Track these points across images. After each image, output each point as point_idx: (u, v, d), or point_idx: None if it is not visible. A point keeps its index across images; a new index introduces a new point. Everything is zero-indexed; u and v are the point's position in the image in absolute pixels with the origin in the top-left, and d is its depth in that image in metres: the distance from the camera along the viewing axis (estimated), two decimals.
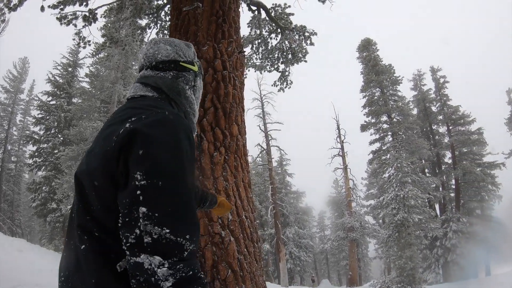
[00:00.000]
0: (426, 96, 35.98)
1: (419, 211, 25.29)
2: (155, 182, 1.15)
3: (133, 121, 1.27)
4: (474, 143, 32.68)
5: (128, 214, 1.15)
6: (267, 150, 30.89)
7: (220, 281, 3.79)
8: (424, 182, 29.30)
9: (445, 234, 30.07)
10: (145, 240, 1.11)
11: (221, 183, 3.95)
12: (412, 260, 17.38)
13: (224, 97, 4.17)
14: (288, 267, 36.21)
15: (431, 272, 30.24)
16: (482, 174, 31.86)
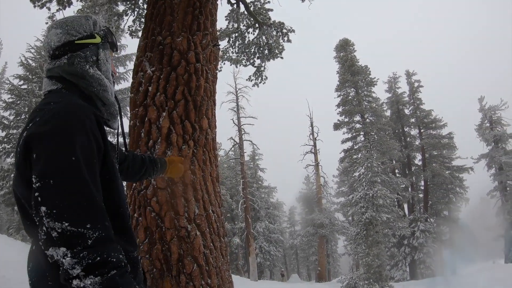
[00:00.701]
0: (400, 98, 36.69)
1: (387, 210, 25.78)
2: (47, 182, 1.23)
3: (29, 127, 1.34)
4: (444, 146, 33.63)
5: (36, 215, 1.24)
6: (240, 144, 30.82)
7: (186, 275, 3.77)
8: (394, 183, 29.91)
9: (412, 233, 30.84)
10: (52, 234, 1.20)
11: (188, 176, 3.90)
12: (379, 257, 17.68)
13: (196, 90, 4.12)
14: (258, 261, 36.37)
15: (398, 269, 30.95)
16: (451, 177, 32.91)
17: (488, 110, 34.14)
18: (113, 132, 1.84)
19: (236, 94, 31.49)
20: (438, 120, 34.49)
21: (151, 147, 3.93)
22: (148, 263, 3.83)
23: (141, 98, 4.13)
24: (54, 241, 1.20)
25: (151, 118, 3.98)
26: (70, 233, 1.20)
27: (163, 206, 3.80)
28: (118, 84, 24.20)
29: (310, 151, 32.82)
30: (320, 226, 30.90)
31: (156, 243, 3.81)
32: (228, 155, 38.71)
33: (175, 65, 4.13)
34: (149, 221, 3.84)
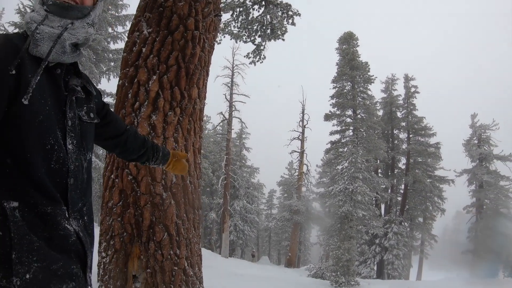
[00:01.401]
0: (394, 100, 36.70)
1: (364, 207, 26.05)
2: None
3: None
4: (430, 155, 33.94)
5: None
6: (229, 120, 30.67)
7: (155, 242, 3.74)
8: (375, 182, 30.13)
9: (385, 233, 31.25)
10: None
11: (170, 143, 3.84)
12: (349, 252, 17.85)
13: (190, 57, 4.02)
14: (231, 239, 36.62)
15: (366, 267, 31.41)
16: (431, 185, 33.33)
17: (479, 127, 34.48)
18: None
19: (232, 70, 31.20)
20: (428, 128, 34.70)
21: (136, 109, 3.84)
22: (119, 226, 3.78)
23: (134, 58, 4.01)
24: None
25: (140, 80, 3.88)
26: None
27: (141, 170, 3.73)
28: (115, 44, 23.79)
29: (297, 138, 32.85)
30: (296, 213, 31.12)
31: (130, 207, 3.76)
32: (216, 129, 38.56)
33: (173, 29, 4.01)
34: (125, 184, 3.78)
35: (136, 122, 3.80)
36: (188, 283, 3.97)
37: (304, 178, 33.26)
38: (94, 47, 22.30)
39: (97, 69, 22.46)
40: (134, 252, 3.81)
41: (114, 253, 3.81)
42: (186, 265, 3.95)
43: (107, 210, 3.91)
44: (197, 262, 4.22)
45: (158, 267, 3.76)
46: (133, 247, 3.80)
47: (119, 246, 3.79)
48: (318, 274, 21.39)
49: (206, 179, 36.29)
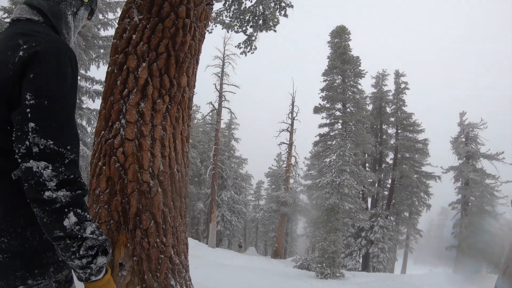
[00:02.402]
0: (384, 96, 36.97)
1: (351, 200, 26.32)
2: (42, 101, 1.35)
3: (25, 49, 1.40)
4: (417, 151, 34.38)
5: (20, 129, 1.34)
6: (218, 110, 30.59)
7: (142, 230, 3.73)
8: (362, 175, 30.41)
9: (371, 227, 31.63)
10: (34, 150, 1.32)
11: (158, 131, 3.83)
12: (335, 244, 18.02)
13: (180, 45, 3.99)
14: (218, 229, 36.74)
15: (352, 259, 31.80)
16: (418, 181, 33.83)
17: (467, 126, 34.91)
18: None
19: (223, 59, 31.08)
20: (416, 124, 35.09)
21: (125, 96, 3.81)
22: (106, 214, 3.77)
23: (123, 45, 3.97)
24: (34, 156, 1.32)
25: (130, 67, 3.85)
26: (51, 150, 1.34)
27: (129, 157, 3.72)
28: (105, 30, 23.54)
29: (286, 130, 32.86)
30: (284, 204, 31.26)
31: (117, 194, 3.75)
32: (205, 119, 38.45)
33: (164, 16, 3.98)
34: (112, 171, 3.76)
35: (124, 109, 3.78)
36: (174, 271, 3.98)
37: (292, 170, 33.41)
38: (84, 33, 22.01)
39: (86, 56, 22.21)
40: (121, 240, 3.80)
41: None
42: (172, 253, 3.96)
43: (94, 197, 3.89)
44: (183, 250, 4.24)
45: (145, 255, 3.77)
46: (120, 235, 3.80)
47: (105, 233, 3.78)
48: (304, 265, 21.59)
49: (194, 169, 36.27)
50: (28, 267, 1.50)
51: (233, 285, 10.21)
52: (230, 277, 12.15)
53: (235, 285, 10.18)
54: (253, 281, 12.55)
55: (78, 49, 21.02)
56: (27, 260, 1.49)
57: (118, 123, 3.77)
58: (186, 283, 4.18)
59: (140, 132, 3.75)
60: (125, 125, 3.75)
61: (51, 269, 1.56)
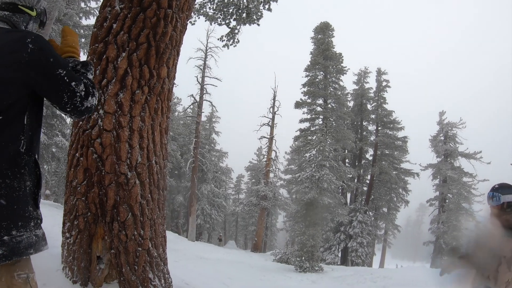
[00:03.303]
0: (365, 93, 37.29)
1: (330, 195, 26.54)
2: (64, 69, 1.88)
3: (31, 41, 1.82)
4: (397, 148, 34.88)
5: (64, 87, 1.87)
6: (199, 103, 30.36)
7: (119, 223, 3.69)
8: (342, 171, 30.64)
9: (350, 222, 31.98)
10: (87, 89, 1.96)
11: (137, 122, 3.78)
12: (314, 238, 18.14)
13: (161, 36, 3.93)
14: (198, 222, 36.62)
15: (331, 253, 32.11)
16: (397, 177, 34.37)
17: (446, 125, 35.73)
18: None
19: (206, 52, 30.83)
20: (396, 122, 35.57)
21: (104, 86, 3.74)
22: (83, 206, 3.72)
23: (103, 34, 3.90)
24: (86, 89, 1.95)
25: (109, 56, 3.78)
26: (83, 84, 1.94)
27: (106, 149, 3.66)
28: (87, 19, 23.06)
29: (267, 124, 32.85)
30: (263, 198, 31.32)
31: (94, 186, 3.70)
32: (186, 112, 38.16)
33: (146, 6, 3.91)
34: (89, 163, 3.70)
35: (103, 99, 3.71)
36: (152, 264, 3.95)
37: (272, 164, 33.46)
38: (65, 22, 21.52)
39: None
40: (98, 233, 3.76)
41: (78, 234, 3.75)
42: (150, 246, 3.93)
43: (71, 189, 3.83)
44: (162, 243, 4.21)
45: (122, 248, 3.73)
46: (97, 228, 3.75)
47: (83, 226, 3.73)
48: (283, 259, 21.70)
49: (174, 162, 36.03)
50: (13, 218, 1.73)
51: (212, 278, 10.20)
52: (209, 271, 12.14)
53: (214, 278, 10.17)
54: (232, 274, 12.56)
55: (58, 38, 20.56)
56: (12, 211, 1.72)
57: (96, 113, 3.71)
58: (164, 276, 4.16)
59: (118, 123, 3.69)
60: (103, 115, 3.69)
61: (32, 223, 1.82)
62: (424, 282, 13.05)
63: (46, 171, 23.78)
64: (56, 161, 23.32)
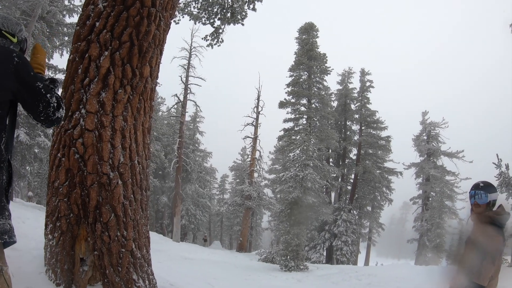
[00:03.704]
0: (349, 93, 37.57)
1: (314, 194, 26.65)
2: (41, 83, 2.16)
3: (16, 56, 2.12)
4: (380, 147, 35.24)
5: (40, 97, 2.13)
6: (183, 103, 30.18)
7: (102, 224, 3.65)
8: (325, 170, 30.84)
9: (334, 220, 32.20)
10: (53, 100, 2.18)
11: (119, 122, 3.73)
12: (299, 237, 18.17)
13: (144, 34, 3.90)
14: (183, 223, 36.45)
15: (316, 252, 32.27)
16: (380, 176, 34.73)
17: (429, 124, 36.41)
18: None
19: (190, 52, 30.66)
20: (380, 122, 35.93)
21: (86, 85, 3.69)
22: (66, 207, 3.66)
23: (86, 32, 3.85)
24: (58, 102, 2.20)
25: (92, 55, 3.73)
26: (58, 97, 2.23)
27: (88, 149, 3.61)
28: (71, 17, 22.64)
29: (251, 124, 32.83)
30: (248, 198, 31.30)
31: (76, 187, 3.64)
32: (170, 112, 37.90)
33: (129, 4, 3.87)
34: (71, 163, 3.65)
35: (85, 98, 3.66)
36: (136, 265, 3.92)
37: (256, 164, 33.45)
38: (48, 19, 21.12)
39: (50, 43, 21.31)
40: (81, 234, 3.71)
41: (61, 235, 3.69)
42: (134, 247, 3.89)
43: (53, 190, 3.77)
44: (145, 244, 4.17)
45: (105, 249, 3.69)
46: (80, 229, 3.70)
47: (65, 227, 3.68)
48: (268, 259, 21.72)
49: (158, 162, 35.80)
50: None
51: (197, 278, 10.15)
52: (194, 271, 12.08)
53: (198, 279, 10.13)
54: (217, 274, 12.52)
55: (41, 36, 20.20)
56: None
57: (78, 113, 3.66)
58: (148, 277, 4.12)
59: (100, 122, 3.64)
60: (85, 115, 3.64)
61: (6, 213, 2.05)
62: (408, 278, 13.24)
63: (29, 173, 23.33)
64: (38, 162, 22.93)
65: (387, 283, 12.82)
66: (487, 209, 3.25)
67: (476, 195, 3.32)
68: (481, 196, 3.29)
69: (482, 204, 3.28)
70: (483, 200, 3.28)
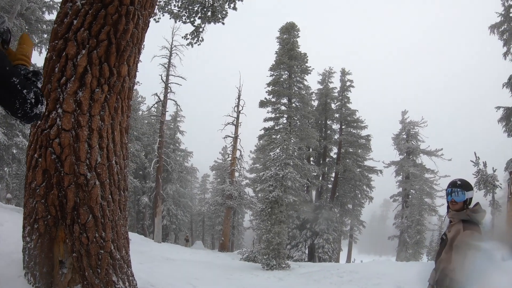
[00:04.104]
0: (329, 92, 37.82)
1: (294, 193, 26.81)
2: (17, 78, 1.95)
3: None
4: (360, 146, 35.65)
5: (16, 93, 1.95)
6: (164, 102, 29.89)
7: (80, 225, 3.60)
8: (306, 169, 31.05)
9: (316, 219, 32.38)
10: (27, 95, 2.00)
11: (96, 122, 3.68)
12: (280, 236, 18.22)
13: (122, 33, 3.84)
14: (164, 223, 36.19)
15: (298, 250, 32.41)
16: (360, 175, 35.11)
17: (408, 123, 37.09)
18: None
19: (171, 50, 30.38)
20: (360, 121, 36.32)
21: (62, 84, 3.63)
22: (43, 209, 3.59)
23: (63, 30, 3.78)
24: (36, 97, 2.02)
25: (69, 54, 3.67)
26: (37, 91, 2.05)
27: (65, 149, 3.55)
28: (50, 14, 22.18)
29: (232, 123, 32.75)
30: (229, 198, 31.24)
31: (53, 188, 3.58)
32: (150, 111, 37.54)
33: (107, 2, 3.81)
34: (48, 164, 3.58)
35: (61, 98, 3.60)
36: (115, 266, 3.87)
37: (237, 163, 33.42)
38: (27, 16, 20.66)
39: None
40: (59, 236, 3.65)
41: (39, 238, 3.63)
42: (113, 248, 3.84)
43: (30, 191, 3.70)
44: (124, 245, 4.12)
45: (84, 251, 3.63)
46: (58, 231, 3.64)
47: (43, 229, 3.61)
48: (250, 258, 21.74)
49: (138, 162, 35.45)
50: None
51: (178, 279, 10.09)
52: (176, 272, 12.01)
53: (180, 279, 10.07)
54: (199, 274, 12.47)
55: (19, 33, 19.75)
56: None
57: (55, 112, 3.59)
58: (128, 278, 4.08)
59: (77, 122, 3.58)
60: (62, 114, 3.57)
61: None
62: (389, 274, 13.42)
63: (7, 174, 22.84)
64: (17, 163, 22.47)
65: (368, 280, 12.96)
66: (464, 207, 3.31)
67: (453, 192, 3.37)
68: (458, 194, 3.34)
69: (459, 202, 3.33)
70: (460, 198, 3.33)
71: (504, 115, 20.54)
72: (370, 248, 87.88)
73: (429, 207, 33.71)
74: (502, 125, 20.67)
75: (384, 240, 45.25)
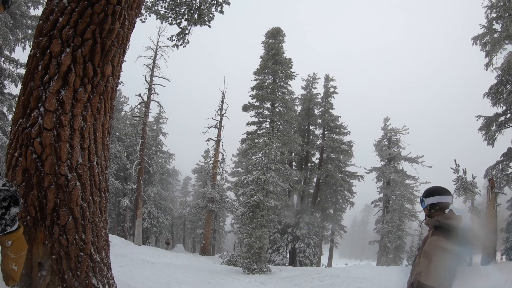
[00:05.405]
0: (313, 98, 38.22)
1: (276, 197, 26.89)
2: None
3: None
4: (342, 152, 36.08)
5: None
6: (147, 103, 29.67)
7: (60, 226, 3.53)
8: (288, 173, 31.21)
9: (297, 223, 32.57)
10: None
11: (78, 122, 3.63)
12: (261, 240, 18.26)
13: (108, 32, 3.80)
14: (145, 226, 35.88)
15: (279, 254, 32.56)
16: (342, 180, 35.51)
17: (390, 130, 37.68)
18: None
19: (156, 51, 30.20)
20: (342, 127, 36.80)
21: (45, 82, 3.56)
22: (23, 209, 3.51)
23: (49, 27, 3.72)
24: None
25: (53, 51, 3.61)
26: None
27: (46, 148, 3.49)
28: (36, 9, 21.84)
29: (214, 126, 32.67)
30: (211, 201, 31.16)
31: (33, 188, 3.51)
32: (133, 112, 37.25)
33: (94, 1, 3.77)
34: (29, 163, 3.51)
35: (44, 96, 3.53)
36: (95, 269, 3.81)
37: (219, 167, 33.36)
38: (12, 10, 20.28)
39: (12, 35, 20.47)
40: (39, 237, 3.57)
41: None
42: (93, 251, 3.79)
43: None
44: (104, 247, 4.06)
45: (63, 253, 3.57)
46: (37, 232, 3.56)
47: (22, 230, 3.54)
48: (231, 262, 21.71)
49: (120, 163, 35.10)
50: None
51: (158, 282, 10.01)
52: (156, 275, 11.90)
53: (160, 283, 9.99)
54: (179, 278, 12.40)
55: (4, 28, 19.40)
56: None
57: (37, 111, 3.53)
58: (108, 281, 4.02)
59: (59, 121, 3.52)
60: (44, 113, 3.51)
61: None
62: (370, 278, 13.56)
63: None
64: None
65: (349, 284, 13.07)
66: (435, 213, 3.42)
67: (421, 201, 3.56)
68: (421, 201, 3.55)
69: (424, 209, 3.52)
70: (423, 205, 3.51)
71: (484, 124, 21.02)
72: (351, 252, 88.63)
73: (409, 212, 34.24)
74: (482, 133, 21.12)
75: (365, 244, 45.85)
